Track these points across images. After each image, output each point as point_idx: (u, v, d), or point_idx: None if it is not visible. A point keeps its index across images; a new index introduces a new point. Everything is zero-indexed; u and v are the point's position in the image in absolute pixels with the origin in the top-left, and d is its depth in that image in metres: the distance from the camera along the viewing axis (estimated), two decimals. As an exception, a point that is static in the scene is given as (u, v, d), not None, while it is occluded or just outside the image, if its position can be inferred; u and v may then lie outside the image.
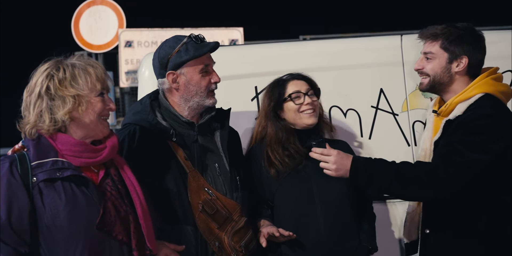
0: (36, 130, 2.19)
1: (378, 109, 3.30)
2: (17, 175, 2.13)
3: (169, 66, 2.65)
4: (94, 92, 2.22)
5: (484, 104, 2.57)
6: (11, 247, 2.08)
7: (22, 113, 2.23)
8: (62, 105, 2.17)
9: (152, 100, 2.73)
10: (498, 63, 3.29)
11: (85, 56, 2.19)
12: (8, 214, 2.09)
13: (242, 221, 2.64)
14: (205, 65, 2.66)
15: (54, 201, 2.13)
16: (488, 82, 2.64)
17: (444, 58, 2.66)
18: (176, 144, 2.62)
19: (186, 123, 2.68)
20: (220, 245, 2.58)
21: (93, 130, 2.24)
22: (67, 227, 2.12)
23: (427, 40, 2.71)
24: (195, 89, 2.65)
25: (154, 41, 9.11)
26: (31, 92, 2.20)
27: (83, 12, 9.50)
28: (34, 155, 2.16)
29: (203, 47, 2.63)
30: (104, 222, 2.16)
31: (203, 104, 2.67)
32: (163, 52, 2.67)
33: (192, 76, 2.64)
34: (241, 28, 9.32)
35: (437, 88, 2.70)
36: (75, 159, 2.19)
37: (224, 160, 2.73)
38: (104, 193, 2.22)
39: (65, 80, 2.18)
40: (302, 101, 2.89)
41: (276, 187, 2.87)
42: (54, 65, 2.22)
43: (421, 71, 2.72)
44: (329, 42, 3.76)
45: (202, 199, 2.58)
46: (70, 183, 2.16)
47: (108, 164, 2.30)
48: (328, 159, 2.57)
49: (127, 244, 2.22)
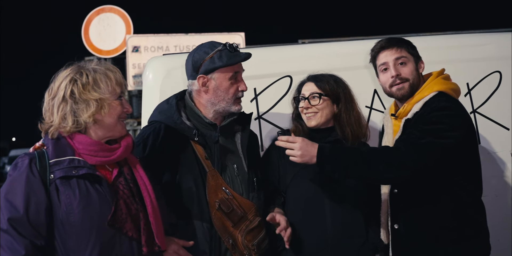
0: (58, 131, 2.27)
1: (372, 109, 3.39)
2: (36, 172, 2.20)
3: (201, 70, 2.71)
4: (114, 96, 2.30)
5: (439, 99, 2.71)
6: (28, 239, 2.14)
7: (43, 114, 2.30)
8: (86, 108, 2.24)
9: (178, 100, 2.79)
10: (486, 64, 3.44)
11: (102, 61, 2.26)
12: (26, 208, 2.15)
13: (256, 221, 2.69)
14: (235, 72, 2.72)
15: (69, 197, 2.19)
16: (439, 81, 2.80)
17: (413, 61, 2.83)
18: (198, 143, 2.68)
19: (209, 124, 2.74)
20: (234, 242, 2.62)
21: (112, 130, 2.32)
22: (80, 223, 2.19)
23: (392, 48, 2.82)
24: (223, 95, 2.72)
25: (160, 46, 9.24)
26: (54, 95, 2.27)
27: (93, 19, 9.70)
28: (52, 153, 2.24)
29: (236, 56, 2.70)
30: (115, 219, 2.22)
31: (229, 110, 2.74)
32: (197, 55, 2.74)
33: (221, 82, 2.71)
34: (243, 33, 9.44)
35: (415, 90, 2.81)
36: (91, 157, 2.26)
37: (243, 161, 2.78)
38: (117, 191, 2.29)
39: (88, 85, 2.25)
40: (302, 105, 2.95)
41: (290, 181, 2.89)
42: (76, 70, 2.28)
43: (400, 77, 2.80)
44: (326, 45, 3.77)
45: (219, 198, 2.63)
46: (85, 181, 2.23)
47: (122, 163, 2.37)
48: (293, 146, 2.61)
49: (136, 240, 2.28)
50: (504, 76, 3.41)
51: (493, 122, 3.41)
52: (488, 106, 3.41)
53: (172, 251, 2.48)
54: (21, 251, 2.12)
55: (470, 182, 2.73)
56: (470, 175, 2.73)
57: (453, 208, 2.68)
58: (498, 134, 3.39)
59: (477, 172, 2.77)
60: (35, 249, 2.16)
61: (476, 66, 3.41)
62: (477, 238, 2.70)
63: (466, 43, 3.49)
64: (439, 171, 2.64)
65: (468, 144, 2.70)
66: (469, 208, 2.71)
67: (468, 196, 2.71)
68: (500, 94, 3.41)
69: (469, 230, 2.68)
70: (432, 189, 2.70)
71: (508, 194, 3.35)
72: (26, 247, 2.13)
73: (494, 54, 3.42)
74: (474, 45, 3.47)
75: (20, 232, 2.14)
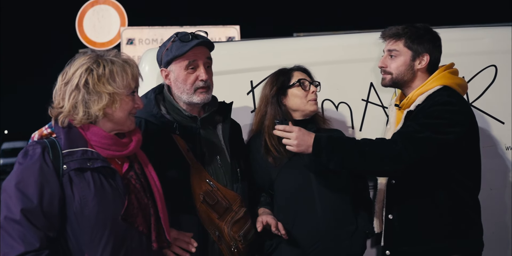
0: (68, 119, 2.20)
1: (369, 102, 3.39)
2: (49, 162, 2.13)
3: (162, 63, 2.72)
4: (128, 90, 2.24)
5: (442, 94, 2.69)
6: (42, 231, 2.08)
7: (53, 97, 2.23)
8: (98, 100, 2.18)
9: (157, 94, 2.76)
10: (483, 58, 3.44)
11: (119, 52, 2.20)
12: (40, 199, 2.08)
13: (242, 212, 2.69)
14: (189, 61, 2.65)
15: (84, 190, 2.14)
16: (445, 75, 2.78)
17: (408, 55, 2.79)
18: (179, 137, 2.65)
19: (189, 117, 2.72)
20: (220, 234, 2.63)
21: (122, 125, 2.27)
22: (94, 216, 2.14)
23: (390, 39, 2.83)
24: (182, 86, 2.68)
25: (154, 39, 9.20)
26: (67, 81, 2.19)
27: (87, 11, 9.63)
28: (65, 143, 2.17)
29: (185, 45, 2.63)
30: (128, 213, 2.19)
31: (192, 101, 2.68)
32: (160, 49, 2.74)
33: (178, 73, 2.67)
34: (238, 26, 9.40)
35: (400, 84, 2.83)
36: (103, 150, 2.21)
37: (226, 152, 2.77)
38: (128, 186, 2.25)
39: (103, 77, 2.18)
40: (309, 89, 2.97)
41: (276, 175, 2.91)
42: (94, 59, 2.21)
43: (384, 70, 2.84)
44: (321, 38, 3.76)
45: (204, 190, 2.62)
46: (99, 174, 2.18)
47: (131, 158, 2.33)
48: (290, 135, 2.62)
49: (146, 235, 2.25)
50: (499, 70, 3.42)
51: (489, 115, 3.42)
52: (483, 100, 3.42)
53: (172, 239, 2.43)
54: (36, 243, 2.06)
55: (468, 179, 2.73)
56: (469, 172, 2.73)
57: (449, 203, 2.69)
58: (493, 128, 3.40)
59: (476, 170, 2.77)
60: (48, 242, 2.10)
61: (472, 60, 3.41)
62: (470, 234, 2.71)
63: (461, 37, 3.49)
64: (437, 166, 2.64)
65: (469, 141, 2.69)
66: (465, 204, 2.71)
67: (465, 193, 2.71)
68: (496, 88, 3.42)
69: (463, 226, 2.69)
70: (429, 183, 2.70)
71: (503, 188, 3.36)
72: (40, 239, 2.07)
73: (489, 48, 3.43)
74: (469, 39, 3.47)
75: (34, 223, 2.07)
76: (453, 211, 2.69)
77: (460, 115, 2.65)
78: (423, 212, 2.71)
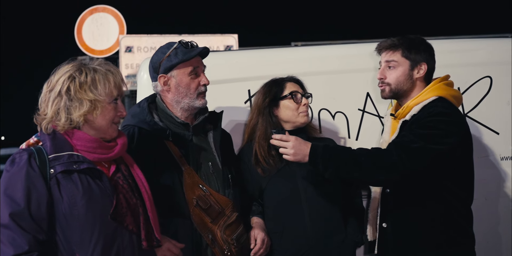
0: (51, 125, 2.26)
1: (365, 112, 3.41)
2: (35, 167, 2.18)
3: (161, 70, 2.78)
4: (110, 98, 2.29)
5: (437, 105, 2.73)
6: (31, 234, 2.12)
7: (39, 105, 2.30)
8: (79, 107, 2.24)
9: (149, 103, 2.84)
10: (477, 69, 3.47)
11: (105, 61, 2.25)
12: (27, 202, 2.13)
13: (234, 216, 2.75)
14: (193, 67, 2.76)
15: (71, 191, 2.19)
16: (441, 86, 2.82)
17: (407, 65, 2.83)
18: (172, 143, 2.73)
19: (182, 124, 2.79)
20: (213, 238, 2.68)
21: (104, 132, 2.32)
22: (83, 216, 2.19)
23: (386, 50, 2.86)
24: (185, 91, 2.76)
25: (153, 47, 9.25)
26: (51, 88, 2.27)
27: (86, 19, 9.69)
28: (51, 149, 2.23)
29: (191, 51, 2.75)
30: (117, 212, 2.24)
31: (193, 105, 2.78)
32: (156, 57, 2.80)
33: (181, 78, 2.76)
34: (236, 34, 9.46)
35: (399, 94, 2.86)
36: (89, 154, 2.27)
37: (217, 159, 2.83)
38: (116, 186, 2.30)
39: (85, 84, 2.24)
40: (301, 101, 3.00)
41: (265, 185, 2.96)
42: (77, 67, 2.28)
43: (383, 81, 2.87)
44: (319, 48, 3.82)
45: (197, 195, 2.68)
46: (86, 176, 2.23)
47: (118, 160, 2.39)
48: (286, 145, 2.67)
49: (136, 234, 2.30)
50: (494, 81, 3.44)
51: (484, 126, 3.44)
52: (478, 111, 3.44)
53: (166, 249, 2.52)
54: (24, 246, 2.10)
55: (461, 189, 2.75)
56: (462, 183, 2.76)
57: (442, 213, 2.71)
58: (489, 138, 3.42)
59: (469, 180, 2.79)
60: (37, 244, 2.14)
61: (467, 71, 3.44)
62: (462, 244, 2.73)
63: (457, 48, 3.52)
64: (431, 176, 2.67)
65: (462, 151, 2.72)
66: (458, 214, 2.73)
67: (458, 203, 2.74)
68: (491, 98, 3.44)
69: (455, 236, 2.71)
70: (423, 192, 2.72)
71: (497, 197, 3.38)
72: (29, 242, 2.11)
73: (485, 59, 3.46)
74: (465, 50, 3.50)
75: (22, 226, 2.12)
76: (446, 221, 2.71)
77: (454, 126, 2.67)
78: (416, 221, 2.74)
